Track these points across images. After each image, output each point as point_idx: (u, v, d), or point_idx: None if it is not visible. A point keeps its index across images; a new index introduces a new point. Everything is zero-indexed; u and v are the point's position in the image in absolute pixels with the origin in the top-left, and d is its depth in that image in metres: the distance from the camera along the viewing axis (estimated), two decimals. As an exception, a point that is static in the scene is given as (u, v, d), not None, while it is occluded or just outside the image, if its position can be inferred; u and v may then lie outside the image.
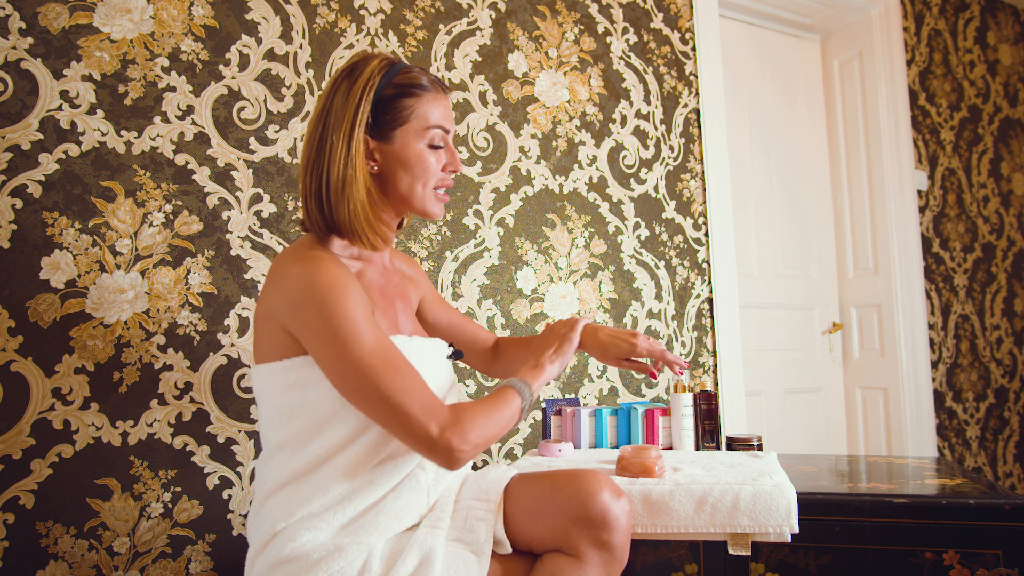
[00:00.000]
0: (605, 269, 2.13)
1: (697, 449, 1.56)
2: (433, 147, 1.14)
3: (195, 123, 1.58)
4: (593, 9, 2.19)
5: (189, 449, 1.51)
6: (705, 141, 2.34)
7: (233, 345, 1.57)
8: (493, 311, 1.93)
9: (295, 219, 1.67)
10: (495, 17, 2.01)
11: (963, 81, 3.12)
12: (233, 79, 1.63)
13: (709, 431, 1.57)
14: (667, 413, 1.58)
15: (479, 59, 1.97)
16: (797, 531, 1.14)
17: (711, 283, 2.31)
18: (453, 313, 1.40)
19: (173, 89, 1.56)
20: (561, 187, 2.07)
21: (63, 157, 1.44)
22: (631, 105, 2.23)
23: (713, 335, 2.30)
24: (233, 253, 1.59)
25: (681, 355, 2.23)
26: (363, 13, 1.81)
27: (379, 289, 1.16)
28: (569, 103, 2.12)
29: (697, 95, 2.36)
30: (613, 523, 1.03)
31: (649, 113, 2.26)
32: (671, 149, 2.29)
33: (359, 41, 1.80)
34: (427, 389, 1.01)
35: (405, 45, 1.87)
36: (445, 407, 1.01)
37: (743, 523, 1.15)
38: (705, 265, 2.31)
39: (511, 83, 2.02)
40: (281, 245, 1.65)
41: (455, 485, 1.17)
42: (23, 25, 1.43)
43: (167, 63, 1.56)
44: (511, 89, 2.02)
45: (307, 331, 1.00)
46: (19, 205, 1.39)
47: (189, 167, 1.56)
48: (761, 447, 1.54)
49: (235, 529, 1.54)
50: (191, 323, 1.53)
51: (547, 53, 2.10)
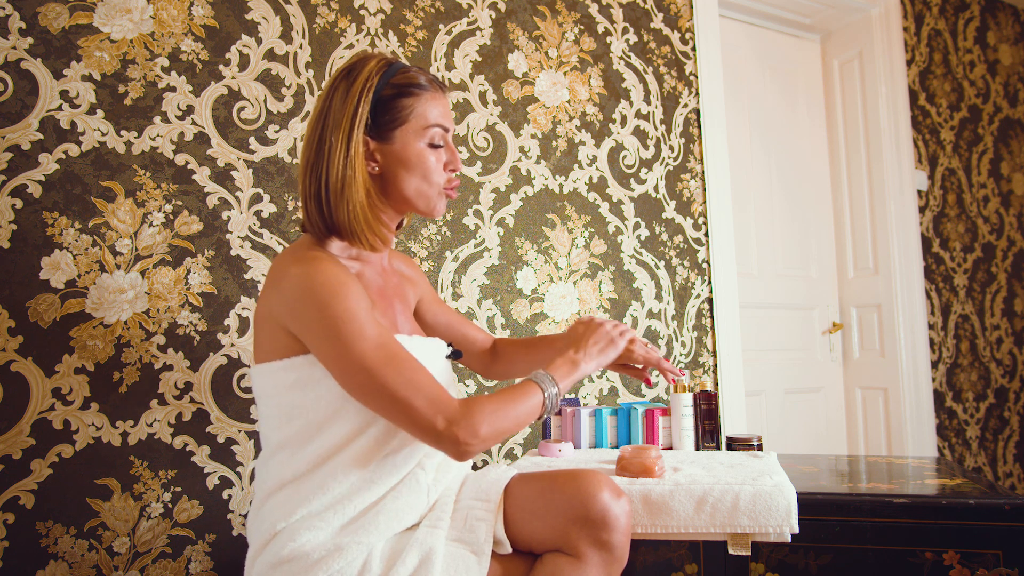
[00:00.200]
0: (605, 269, 2.13)
1: (697, 449, 1.56)
2: (433, 146, 1.14)
3: (195, 123, 1.58)
4: (593, 9, 2.19)
5: (189, 449, 1.51)
6: (705, 141, 2.34)
7: (233, 345, 1.57)
8: (493, 311, 1.93)
9: (295, 219, 1.67)
10: (495, 17, 2.01)
11: (963, 81, 3.12)
12: (233, 79, 1.63)
13: (709, 431, 1.57)
14: (667, 413, 1.58)
15: (479, 59, 1.97)
16: (797, 531, 1.14)
17: (711, 283, 2.31)
18: (451, 314, 1.40)
19: (173, 89, 1.56)
20: (561, 187, 2.07)
21: (63, 157, 1.44)
22: (631, 105, 2.23)
23: (713, 335, 2.30)
24: (233, 253, 1.59)
25: (681, 355, 2.23)
26: (363, 13, 1.81)
27: (377, 290, 1.16)
28: (569, 103, 2.12)
29: (697, 95, 2.36)
30: (613, 523, 1.03)
31: (649, 113, 2.26)
32: (671, 149, 2.29)
33: (359, 41, 1.80)
34: (433, 381, 1.01)
35: (405, 45, 1.87)
36: (453, 400, 1.01)
37: (743, 523, 1.15)
38: (705, 265, 2.31)
39: (511, 83, 2.02)
40: (281, 245, 1.65)
41: (455, 485, 1.17)
42: (23, 25, 1.43)
43: (167, 63, 1.56)
44: (511, 89, 2.02)
45: (309, 331, 1.00)
46: (19, 205, 1.39)
47: (189, 167, 1.56)
48: (761, 447, 1.54)
49: (235, 529, 1.54)
50: (191, 323, 1.53)
51: (547, 53, 2.10)
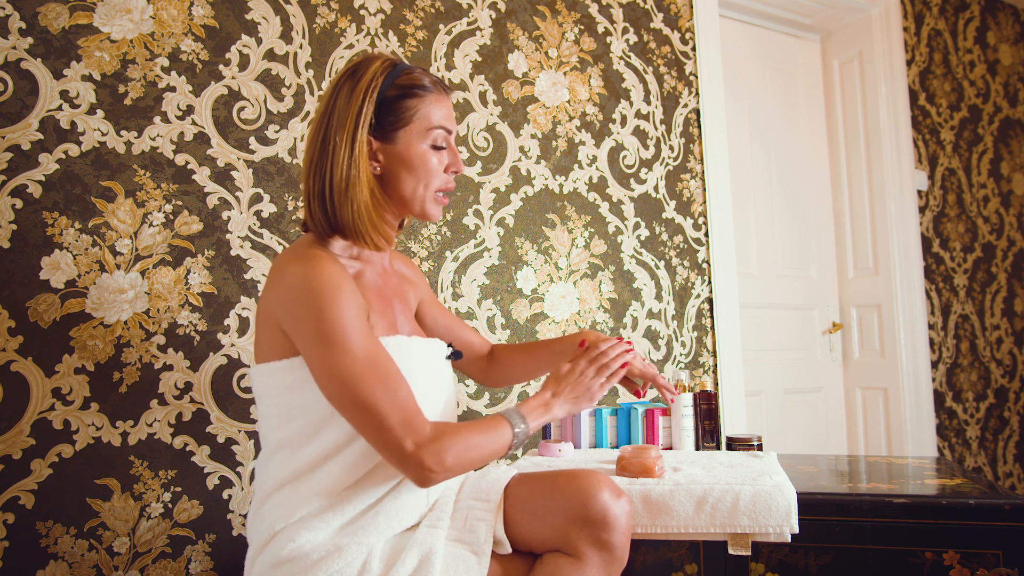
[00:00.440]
0: (605, 269, 2.13)
1: (697, 449, 1.56)
2: (436, 148, 1.14)
3: (195, 123, 1.58)
4: (593, 9, 2.19)
5: (189, 449, 1.51)
6: (705, 141, 2.34)
7: (233, 345, 1.57)
8: (493, 311, 1.93)
9: (295, 219, 1.67)
10: (495, 17, 2.01)
11: (963, 81, 3.12)
12: (233, 79, 1.63)
13: (709, 431, 1.57)
14: (667, 413, 1.58)
15: (479, 59, 1.97)
16: (797, 531, 1.14)
17: (711, 283, 2.31)
18: (450, 318, 1.40)
19: (173, 89, 1.56)
20: (561, 187, 2.07)
21: (63, 157, 1.44)
22: (631, 105, 2.23)
23: (713, 335, 2.30)
24: (233, 253, 1.59)
25: (681, 355, 2.23)
26: (363, 13, 1.81)
27: (377, 290, 1.16)
28: (569, 103, 2.12)
29: (697, 95, 2.36)
30: (613, 523, 1.03)
31: (649, 113, 2.26)
32: (671, 149, 2.29)
33: (359, 41, 1.80)
34: (411, 403, 0.99)
35: (405, 45, 1.87)
36: (427, 424, 0.99)
37: (743, 523, 1.15)
38: (705, 265, 2.31)
39: (511, 83, 2.02)
40: (281, 245, 1.65)
41: (455, 485, 1.17)
42: (23, 25, 1.43)
43: (167, 63, 1.56)
44: (511, 89, 2.02)
45: (299, 331, 1.00)
46: (19, 205, 1.39)
47: (189, 167, 1.56)
48: (761, 447, 1.54)
49: (235, 529, 1.54)
50: (191, 323, 1.53)
51: (547, 53, 2.10)
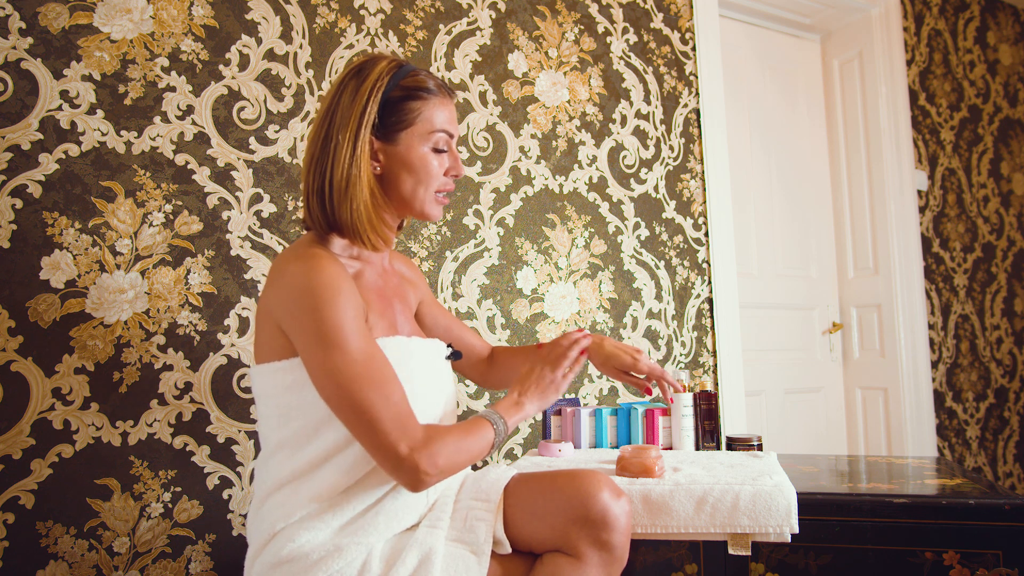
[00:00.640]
0: (605, 269, 2.13)
1: (697, 449, 1.56)
2: (437, 151, 1.14)
3: (195, 123, 1.58)
4: (593, 9, 2.19)
5: (189, 449, 1.51)
6: (705, 141, 2.34)
7: (233, 345, 1.57)
8: (493, 311, 1.93)
9: (295, 219, 1.67)
10: (495, 17, 2.01)
11: (963, 81, 3.12)
12: (233, 79, 1.63)
13: (709, 431, 1.57)
14: (667, 413, 1.58)
15: (479, 59, 1.97)
16: (797, 531, 1.14)
17: (711, 283, 2.31)
18: (450, 319, 1.40)
19: (173, 89, 1.56)
20: (561, 187, 2.07)
21: (63, 157, 1.44)
22: (631, 105, 2.23)
23: (713, 335, 2.30)
24: (233, 253, 1.59)
25: (681, 355, 2.23)
26: (363, 13, 1.81)
27: (377, 290, 1.16)
28: (569, 103, 2.12)
29: (697, 95, 2.36)
30: (613, 523, 1.03)
31: (649, 113, 2.26)
32: (671, 149, 2.29)
33: (359, 41, 1.80)
34: (405, 406, 1.00)
35: (405, 45, 1.87)
36: (420, 427, 1.00)
37: (743, 523, 1.15)
38: (705, 265, 2.31)
39: (511, 83, 2.02)
40: (281, 245, 1.65)
41: (455, 485, 1.17)
42: (23, 25, 1.43)
43: (167, 63, 1.56)
44: (511, 89, 2.02)
45: (298, 331, 1.00)
46: (19, 205, 1.39)
47: (189, 167, 1.56)
48: (761, 447, 1.54)
49: (235, 529, 1.54)
50: (191, 323, 1.53)
51: (547, 53, 2.10)
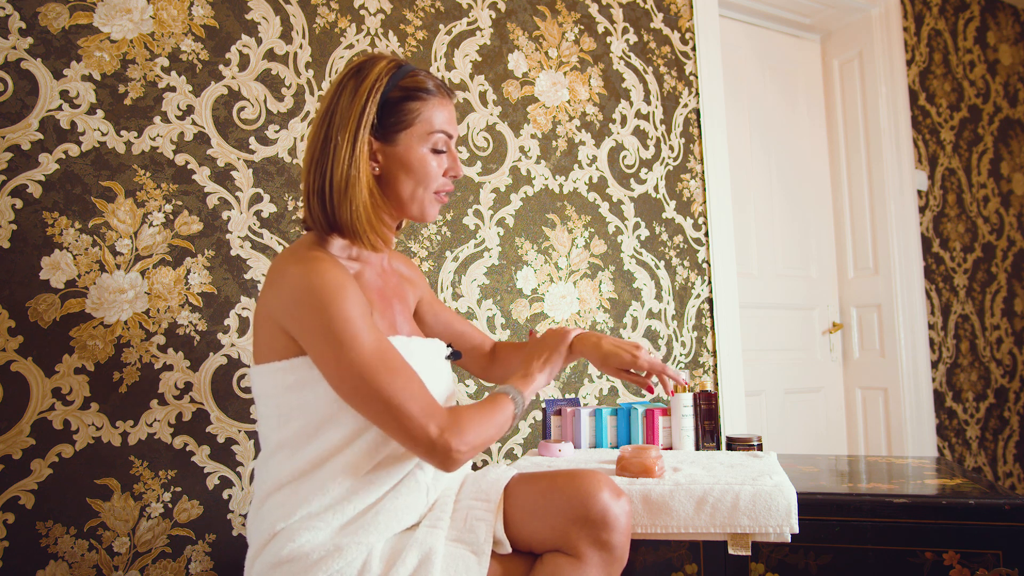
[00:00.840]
0: (605, 269, 2.13)
1: (697, 449, 1.56)
2: (436, 151, 1.14)
3: (195, 123, 1.58)
4: (593, 9, 2.19)
5: (189, 449, 1.51)
6: (705, 141, 2.34)
7: (233, 345, 1.57)
8: (493, 311, 1.93)
9: (295, 219, 1.67)
10: (495, 17, 2.01)
11: (963, 81, 3.12)
12: (233, 79, 1.63)
13: (709, 431, 1.57)
14: (667, 413, 1.58)
15: (479, 59, 1.97)
16: (797, 531, 1.15)
17: (711, 283, 2.31)
18: (451, 315, 1.40)
19: (173, 89, 1.56)
20: (561, 187, 2.07)
21: (63, 157, 1.44)
22: (631, 105, 2.23)
23: (713, 335, 2.30)
24: (233, 253, 1.59)
25: (681, 355, 2.23)
26: (363, 13, 1.81)
27: (377, 290, 1.16)
28: (569, 103, 2.12)
29: (697, 95, 2.36)
30: (613, 523, 1.03)
31: (649, 113, 2.26)
32: (671, 149, 2.29)
33: (359, 41, 1.80)
34: (426, 390, 1.01)
35: (405, 45, 1.87)
36: (443, 409, 1.02)
37: (743, 523, 1.15)
38: (705, 265, 2.31)
39: (511, 83, 2.02)
40: (281, 245, 1.65)
41: (455, 485, 1.17)
42: (23, 25, 1.43)
43: (167, 63, 1.56)
44: (511, 89, 2.02)
45: (305, 332, 1.00)
46: (19, 205, 1.39)
47: (189, 167, 1.56)
48: (761, 447, 1.54)
49: (235, 529, 1.54)
50: (191, 323, 1.53)
51: (547, 53, 2.10)
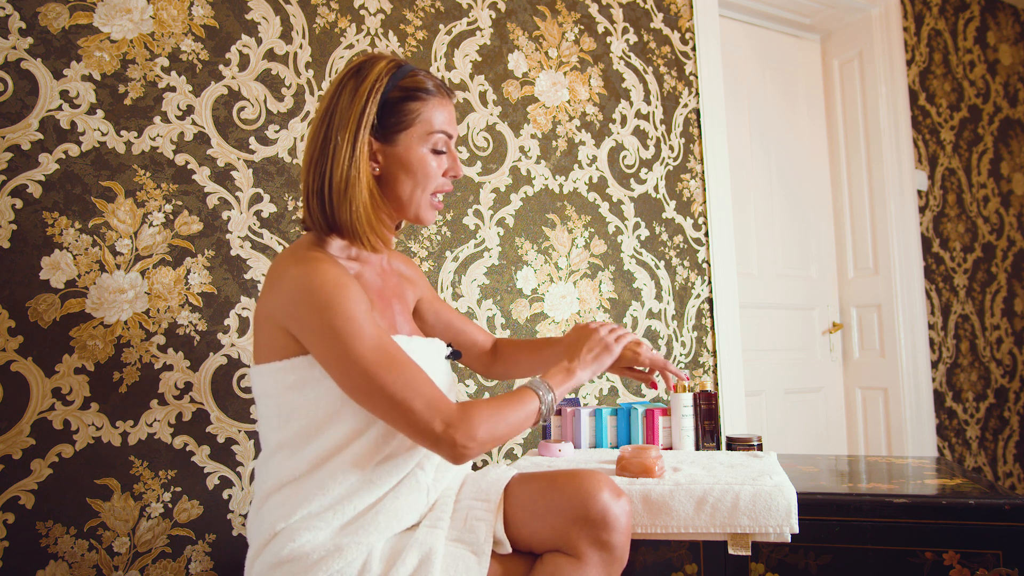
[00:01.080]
0: (605, 269, 2.13)
1: (697, 449, 1.56)
2: (436, 152, 1.14)
3: (195, 123, 1.58)
4: (593, 9, 2.19)
5: (189, 449, 1.51)
6: (705, 141, 2.34)
7: (233, 345, 1.57)
8: (493, 311, 1.93)
9: (295, 219, 1.67)
10: (495, 17, 2.01)
11: (963, 81, 3.12)
12: (233, 79, 1.63)
13: (709, 431, 1.57)
14: (667, 413, 1.58)
15: (479, 59, 1.97)
16: (797, 531, 1.14)
17: (711, 283, 2.31)
18: (451, 313, 1.40)
19: (173, 89, 1.56)
20: (561, 187, 2.07)
21: (63, 157, 1.44)
22: (631, 105, 2.23)
23: (713, 335, 2.30)
24: (233, 253, 1.59)
25: (681, 355, 2.23)
26: (363, 13, 1.81)
27: (376, 291, 1.16)
28: (569, 103, 2.12)
29: (697, 95, 2.36)
30: (613, 523, 1.03)
31: (649, 113, 2.26)
32: (671, 149, 2.29)
33: (359, 41, 1.80)
34: (431, 384, 1.01)
35: (405, 45, 1.87)
36: (451, 403, 1.01)
37: (743, 523, 1.15)
38: (705, 265, 2.31)
39: (511, 83, 2.02)
40: (281, 245, 1.65)
41: (455, 485, 1.17)
42: (23, 25, 1.43)
43: (167, 63, 1.56)
44: (511, 89, 2.02)
45: (308, 332, 1.00)
46: (19, 205, 1.39)
47: (189, 167, 1.56)
48: (761, 447, 1.54)
49: (235, 529, 1.54)
50: (191, 323, 1.53)
51: (547, 53, 2.10)
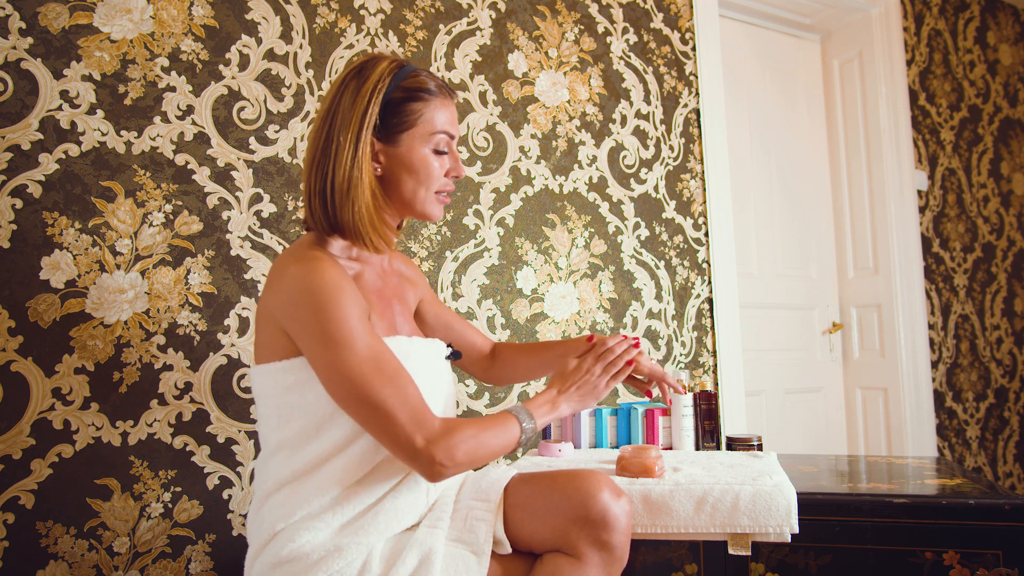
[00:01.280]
0: (605, 269, 2.13)
1: (697, 449, 1.56)
2: (438, 152, 1.14)
3: (195, 123, 1.58)
4: (593, 9, 2.19)
5: (189, 449, 1.51)
6: (705, 141, 2.34)
7: (233, 345, 1.57)
8: (493, 311, 1.93)
9: (295, 219, 1.67)
10: (495, 17, 2.01)
11: (963, 81, 3.12)
12: (233, 79, 1.63)
13: (709, 431, 1.57)
14: (667, 413, 1.58)
15: (479, 59, 1.97)
16: (797, 531, 1.14)
17: (711, 283, 2.31)
18: (451, 316, 1.40)
19: (173, 89, 1.56)
20: (561, 187, 2.07)
21: (63, 157, 1.44)
22: (631, 105, 2.23)
23: (713, 335, 2.30)
24: (233, 253, 1.59)
25: (681, 355, 2.23)
26: (363, 13, 1.81)
27: (376, 291, 1.16)
28: (569, 103, 2.12)
29: (697, 95, 2.36)
30: (613, 523, 1.03)
31: (649, 113, 2.26)
32: (671, 149, 2.29)
33: (359, 41, 1.80)
34: (420, 399, 1.01)
35: (405, 45, 1.87)
36: (436, 420, 1.01)
37: (743, 523, 1.15)
38: (705, 265, 2.31)
39: (511, 83, 2.02)
40: (281, 245, 1.65)
41: (455, 485, 1.17)
42: (23, 25, 1.43)
43: (167, 63, 1.56)
44: (511, 89, 2.02)
45: (302, 333, 1.00)
46: (19, 205, 1.39)
47: (189, 167, 1.56)
48: (761, 447, 1.54)
49: (235, 529, 1.54)
50: (191, 323, 1.53)
51: (547, 53, 2.10)
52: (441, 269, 1.86)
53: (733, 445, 1.54)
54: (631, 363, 1.22)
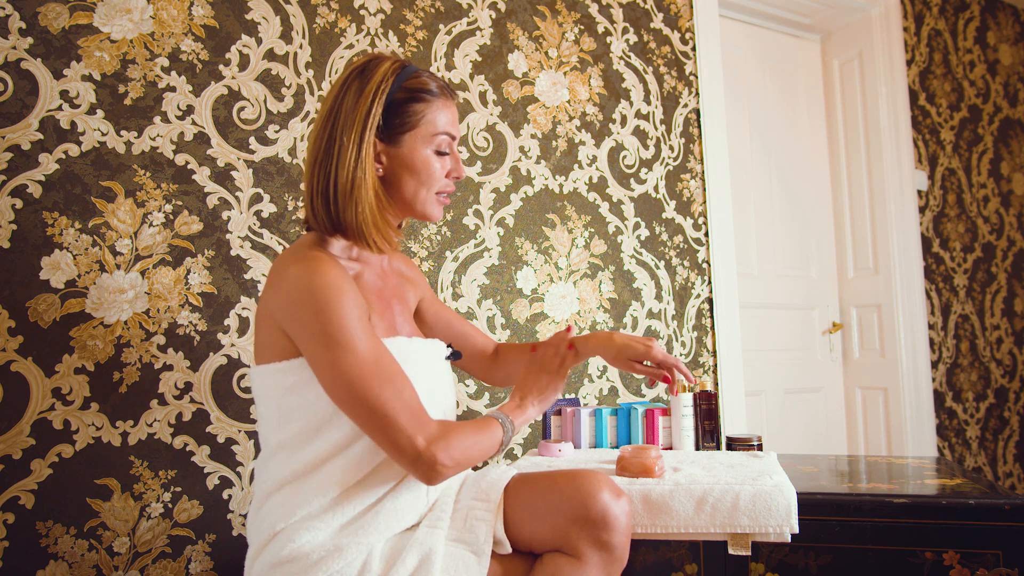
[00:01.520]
0: (605, 269, 2.13)
1: (697, 449, 1.56)
2: (439, 153, 1.14)
3: (195, 123, 1.58)
4: (593, 9, 2.19)
5: (189, 449, 1.51)
6: (705, 141, 2.34)
7: (233, 345, 1.57)
8: (493, 311, 1.93)
9: (295, 219, 1.67)
10: (495, 17, 2.01)
11: (963, 81, 3.12)
12: (233, 79, 1.63)
13: (709, 431, 1.57)
14: (667, 413, 1.58)
15: (479, 59, 1.97)
16: (797, 531, 1.15)
17: (711, 283, 2.31)
18: (452, 316, 1.40)
19: (173, 89, 1.56)
20: (561, 187, 2.07)
21: (63, 157, 1.44)
22: (631, 105, 2.23)
23: (713, 335, 2.30)
24: (233, 253, 1.59)
25: (681, 355, 2.23)
26: (363, 13, 1.81)
27: (376, 291, 1.16)
28: (569, 103, 2.12)
29: (697, 95, 2.36)
30: (613, 523, 1.03)
31: (649, 113, 2.26)
32: (671, 149, 2.29)
33: (359, 41, 1.80)
34: (417, 401, 1.01)
35: (405, 45, 1.87)
36: (433, 421, 1.02)
37: (743, 523, 1.15)
38: (705, 265, 2.31)
39: (511, 83, 2.02)
40: (281, 245, 1.65)
41: (455, 485, 1.17)
42: (23, 25, 1.43)
43: (167, 63, 1.56)
44: (511, 89, 2.02)
45: (302, 334, 1.00)
46: (19, 205, 1.39)
47: (189, 167, 1.56)
48: (761, 447, 1.54)
49: (235, 529, 1.54)
50: (191, 323, 1.53)
51: (547, 53, 2.10)
52: (441, 269, 1.86)
53: (733, 445, 1.54)
54: (571, 346, 1.26)
